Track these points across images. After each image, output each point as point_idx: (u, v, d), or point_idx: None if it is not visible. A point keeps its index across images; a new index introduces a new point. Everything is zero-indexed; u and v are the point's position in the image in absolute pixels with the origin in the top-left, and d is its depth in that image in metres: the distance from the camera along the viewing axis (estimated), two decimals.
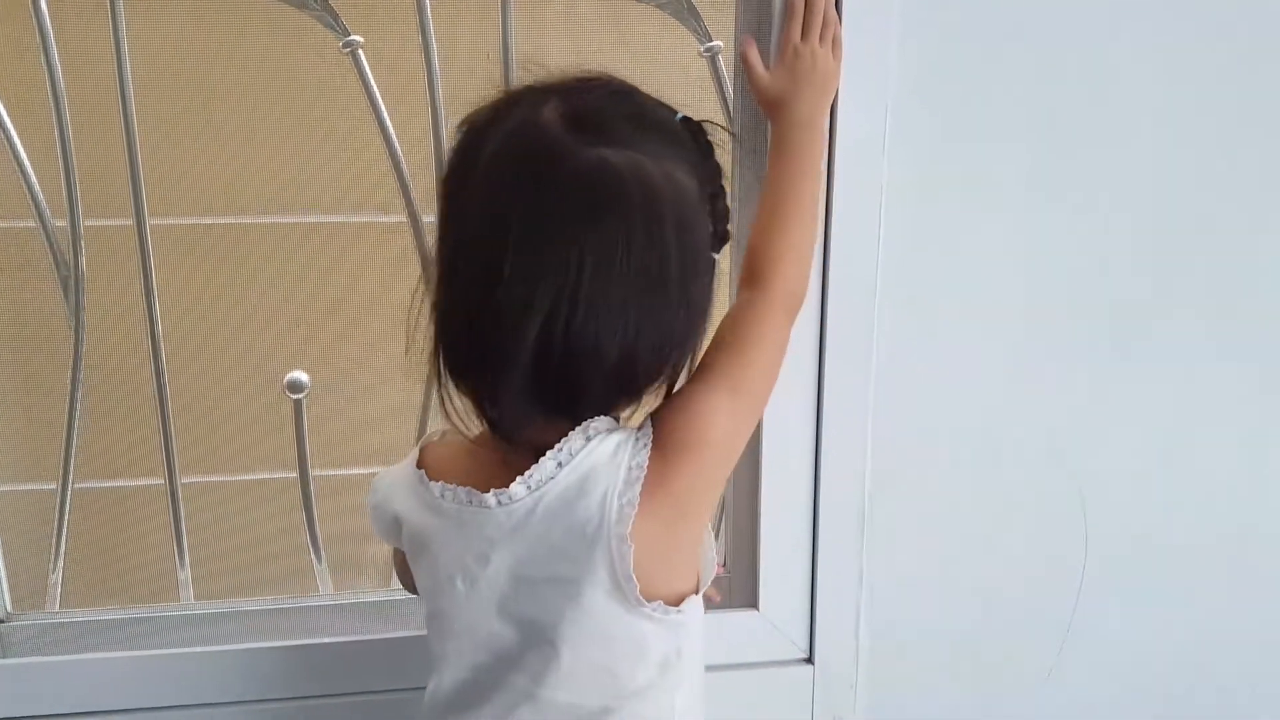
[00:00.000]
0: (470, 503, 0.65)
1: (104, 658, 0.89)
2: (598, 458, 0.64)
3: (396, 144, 0.91)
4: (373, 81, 0.89)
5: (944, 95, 0.87)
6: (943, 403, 0.94)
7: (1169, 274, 0.95)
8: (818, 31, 0.82)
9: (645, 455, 0.64)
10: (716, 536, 1.01)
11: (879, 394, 0.91)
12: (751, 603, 0.95)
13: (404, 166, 0.92)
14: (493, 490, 0.65)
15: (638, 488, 0.63)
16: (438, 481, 0.67)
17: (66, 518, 0.93)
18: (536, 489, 0.64)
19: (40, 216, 0.88)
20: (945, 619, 1.00)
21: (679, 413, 0.67)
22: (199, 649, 0.89)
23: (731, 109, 0.92)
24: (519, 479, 0.64)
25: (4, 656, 0.89)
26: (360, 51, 0.88)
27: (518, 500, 0.64)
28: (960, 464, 0.96)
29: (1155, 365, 0.97)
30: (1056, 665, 1.02)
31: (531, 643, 0.66)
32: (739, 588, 0.97)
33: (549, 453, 0.64)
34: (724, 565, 0.98)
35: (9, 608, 0.91)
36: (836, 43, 0.83)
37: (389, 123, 0.90)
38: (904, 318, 0.91)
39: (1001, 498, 0.98)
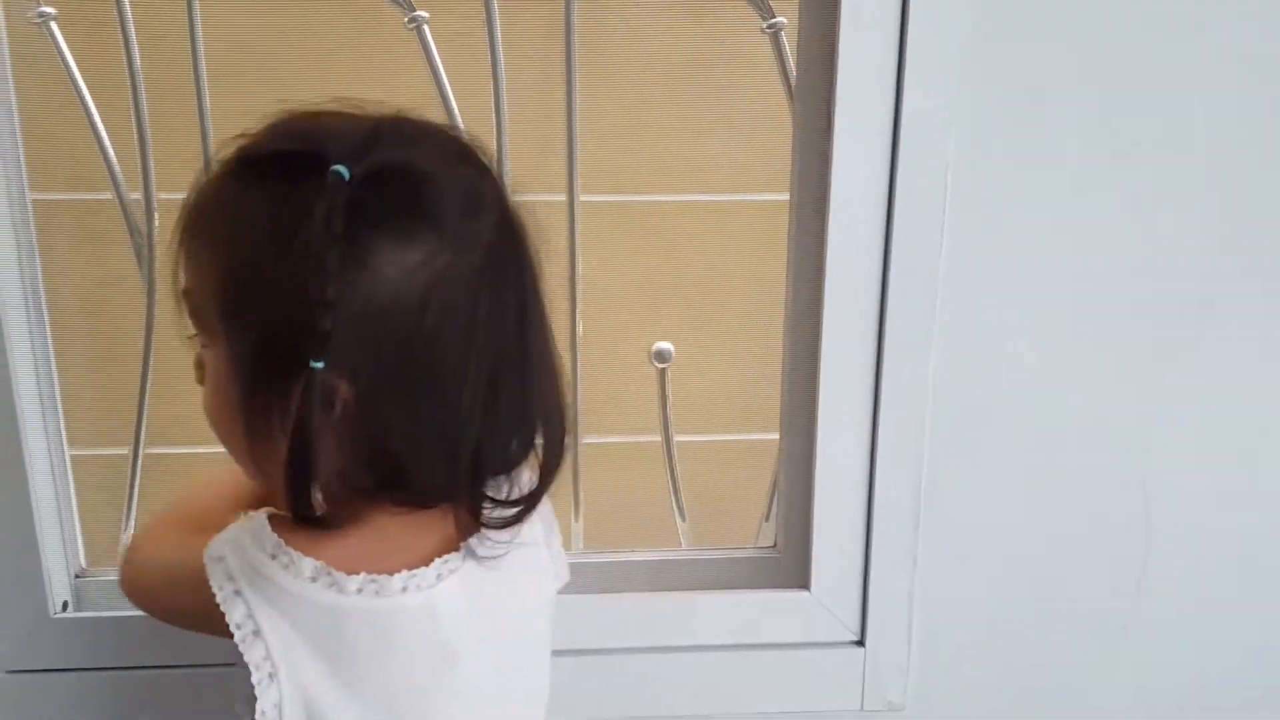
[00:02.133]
0: None
1: None
2: None
3: (459, 121, 0.90)
4: (437, 58, 0.88)
5: (1008, 82, 0.84)
6: (1003, 388, 0.91)
7: (1236, 263, 0.90)
8: None
9: None
10: (767, 518, 1.00)
11: (938, 377, 0.88)
12: (802, 583, 0.93)
13: None
14: None
15: None
16: None
17: (138, 480, 0.95)
18: None
19: (116, 189, 0.89)
20: (1000, 606, 0.96)
21: None
22: None
23: (794, 88, 0.89)
24: None
25: (79, 610, 0.91)
26: (425, 27, 0.88)
27: None
28: (1019, 450, 0.92)
29: (1221, 357, 0.92)
30: (1113, 656, 0.98)
31: None
32: (789, 568, 0.95)
33: None
34: (775, 544, 0.97)
35: (84, 564, 0.92)
36: None
37: (453, 100, 0.89)
38: (966, 302, 0.87)
39: (1061, 487, 0.94)
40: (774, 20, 0.92)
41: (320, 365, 0.50)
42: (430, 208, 0.53)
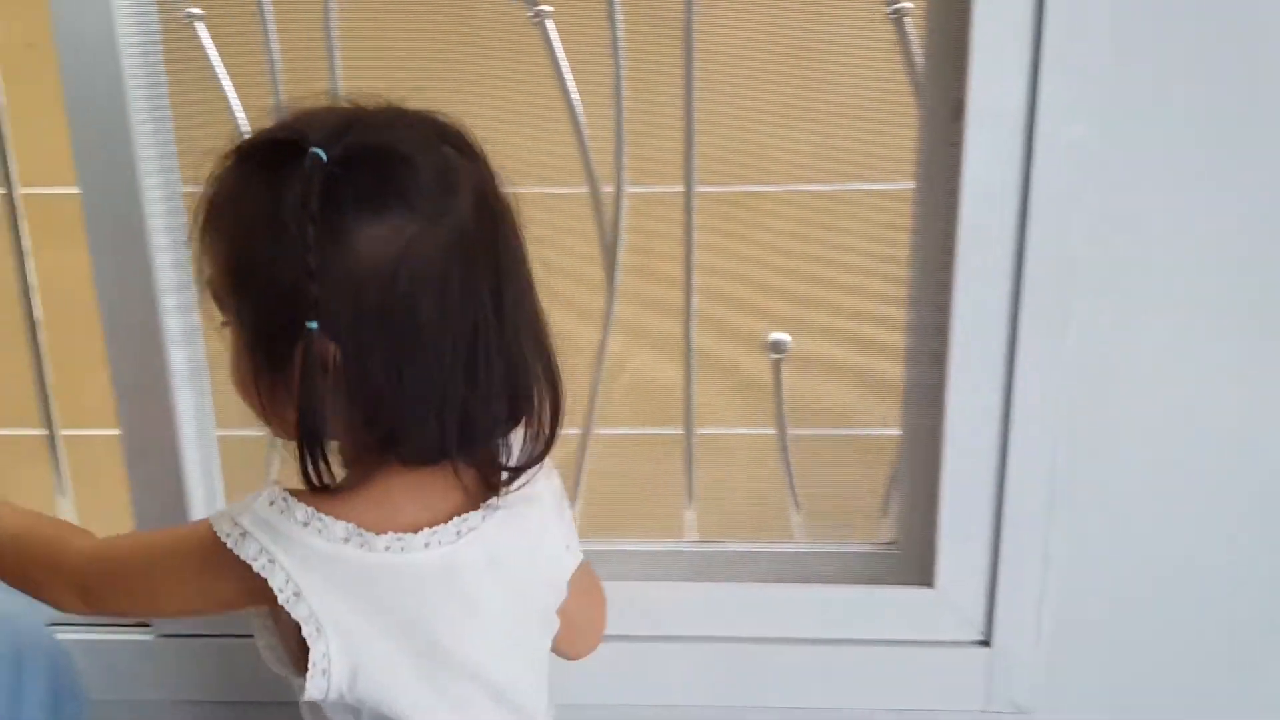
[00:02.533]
0: None
1: None
2: None
3: (582, 116, 0.91)
4: (560, 50, 0.89)
5: (1146, 69, 0.80)
6: (1141, 380, 0.87)
7: None
8: None
9: None
10: (884, 514, 0.98)
11: (1073, 369, 0.84)
12: (925, 580, 0.91)
13: (586, 138, 0.91)
14: None
15: None
16: None
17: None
18: None
19: None
20: (1133, 610, 0.92)
21: None
22: None
23: (919, 74, 0.87)
24: None
25: None
26: (549, 21, 0.89)
27: None
28: (1157, 444, 0.88)
29: None
30: (1259, 661, 0.93)
31: None
32: (910, 564, 0.93)
33: None
34: (894, 540, 0.95)
35: None
36: None
37: (575, 94, 0.90)
38: (1102, 293, 0.84)
39: (1201, 483, 0.89)
40: (899, 4, 0.91)
41: (315, 326, 0.56)
42: (400, 184, 0.58)
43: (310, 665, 0.59)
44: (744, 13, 0.91)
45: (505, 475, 0.64)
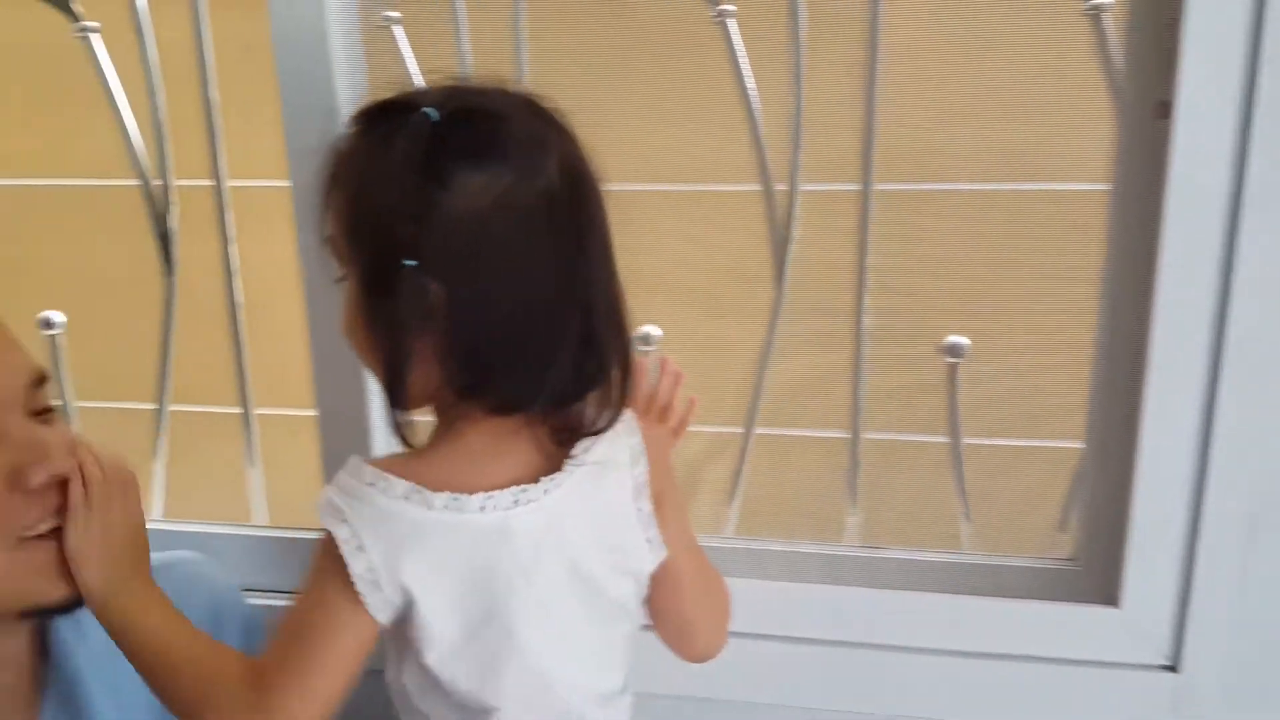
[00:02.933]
0: None
1: None
2: None
3: (759, 115, 0.90)
4: (741, 49, 0.89)
5: None
6: None
7: None
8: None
9: None
10: (1061, 528, 0.94)
11: None
12: (1109, 598, 0.87)
13: (761, 136, 0.91)
14: None
15: None
16: None
17: None
18: None
19: None
20: None
21: None
22: None
23: (1117, 72, 0.83)
24: None
25: None
26: (731, 21, 0.89)
27: None
28: None
29: None
30: None
31: None
32: (1092, 581, 0.89)
33: None
34: (1074, 556, 0.91)
35: None
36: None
37: (754, 92, 0.89)
38: None
39: None
40: (1096, 1, 0.86)
41: (414, 264, 0.61)
42: (497, 141, 0.63)
43: (357, 580, 0.62)
44: (928, 8, 0.89)
45: (575, 440, 0.67)
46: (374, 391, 0.93)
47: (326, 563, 0.64)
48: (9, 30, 1.04)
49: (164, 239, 1.00)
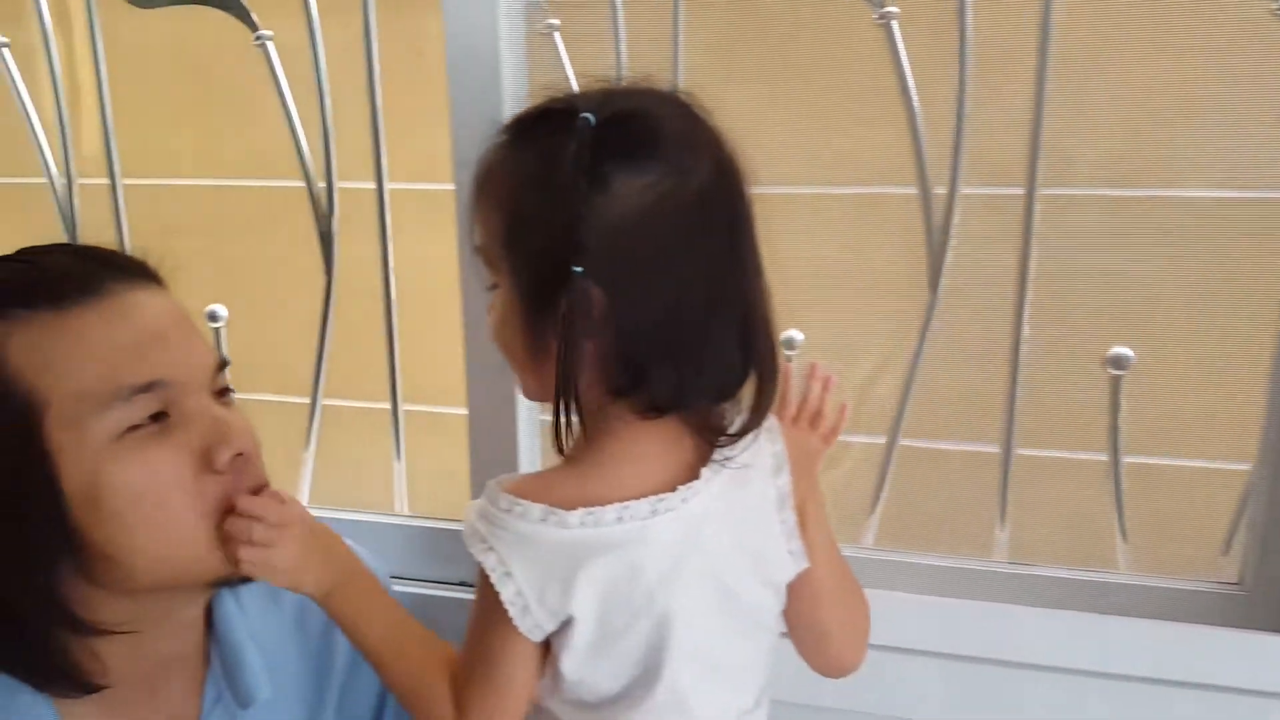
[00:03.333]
0: None
1: None
2: None
3: (920, 117, 0.89)
4: (903, 52, 0.87)
5: None
6: None
7: None
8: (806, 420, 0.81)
9: None
10: (1225, 551, 0.90)
11: None
12: (1277, 626, 0.83)
13: (922, 140, 0.89)
14: None
15: None
16: None
17: None
18: None
19: None
20: None
21: None
22: None
23: None
24: None
25: None
26: (894, 24, 0.87)
27: None
28: None
29: None
30: None
31: None
32: (1259, 608, 0.85)
33: None
34: (1239, 580, 0.87)
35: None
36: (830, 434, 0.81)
37: (915, 95, 0.88)
38: None
39: None
40: None
41: (580, 270, 0.61)
42: (655, 143, 0.63)
43: (509, 606, 0.64)
44: (1101, 8, 0.86)
45: (720, 441, 0.67)
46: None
47: (484, 589, 0.65)
48: (184, 39, 1.09)
49: (325, 239, 1.03)
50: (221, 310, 1.10)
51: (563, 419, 0.64)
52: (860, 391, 0.97)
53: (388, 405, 1.08)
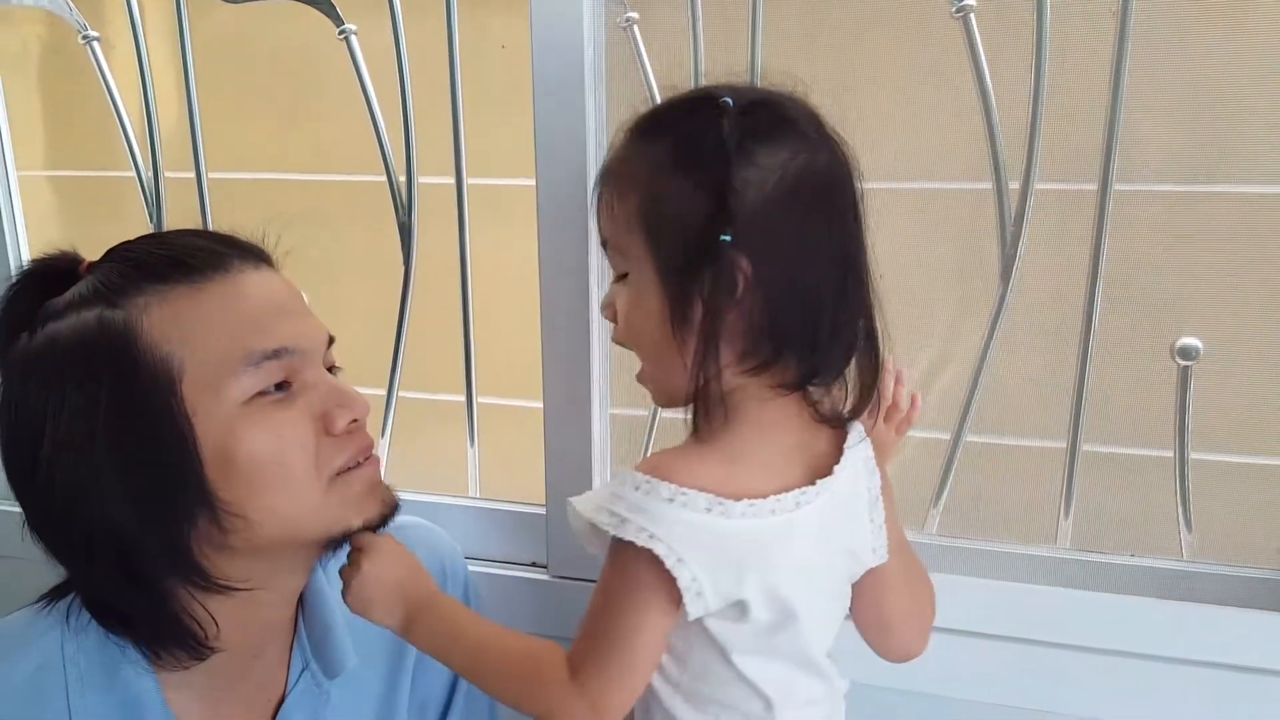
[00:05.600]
0: None
1: None
2: None
3: (995, 111, 0.87)
4: (980, 47, 0.86)
5: None
6: None
7: None
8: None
9: None
10: None
11: None
12: None
13: (999, 135, 0.88)
14: None
15: None
16: None
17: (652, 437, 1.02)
18: None
19: None
20: None
21: None
22: None
23: None
24: None
25: None
26: (972, 16, 0.85)
27: None
28: None
29: None
30: None
31: None
32: None
33: None
34: None
35: None
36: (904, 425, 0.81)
37: (990, 86, 0.87)
38: None
39: None
40: None
41: (729, 239, 0.62)
42: (792, 123, 0.66)
43: (685, 590, 0.63)
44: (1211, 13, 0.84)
45: (836, 423, 0.69)
46: (598, 385, 0.95)
47: (628, 573, 0.64)
48: (267, 33, 1.09)
49: (404, 231, 1.03)
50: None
51: (701, 396, 0.64)
52: (922, 385, 0.96)
53: (462, 398, 1.08)
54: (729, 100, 0.64)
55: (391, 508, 0.73)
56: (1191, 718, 0.87)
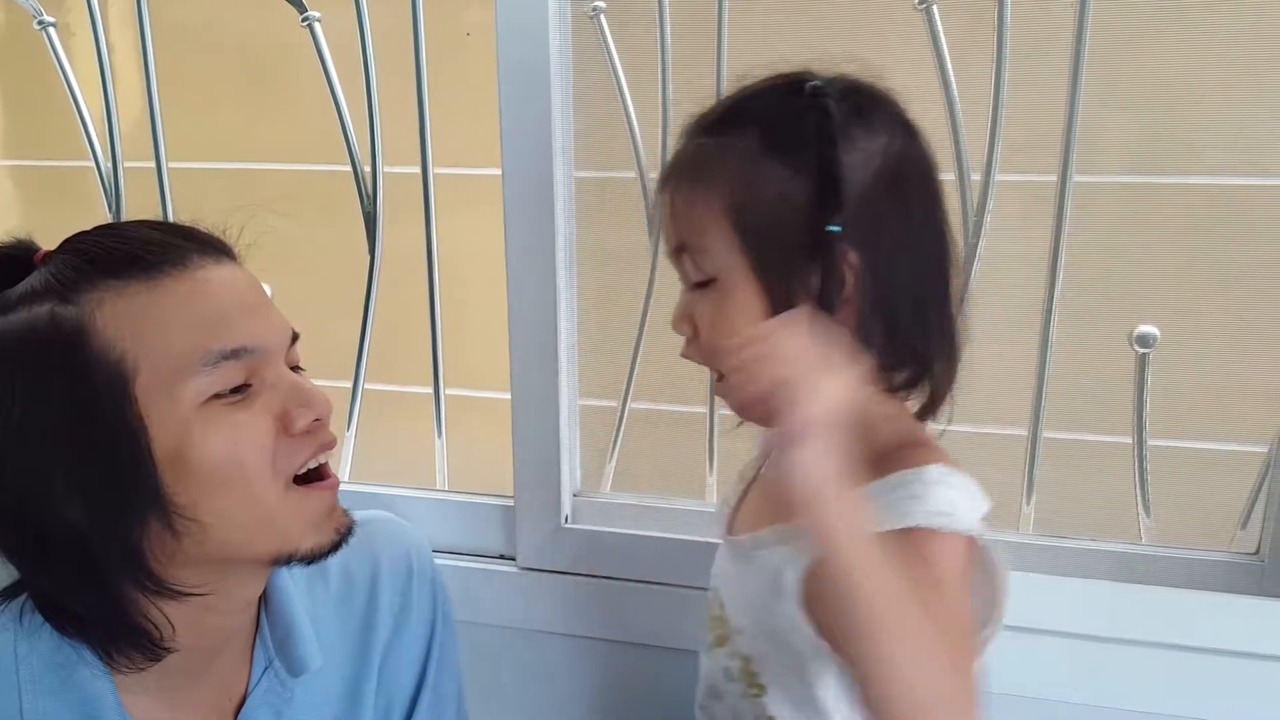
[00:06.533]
0: None
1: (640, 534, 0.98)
2: None
3: (957, 103, 0.87)
4: (943, 39, 0.86)
5: None
6: None
7: None
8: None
9: None
10: (1244, 525, 0.90)
11: None
12: None
13: (961, 127, 0.87)
14: None
15: None
16: None
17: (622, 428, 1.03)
18: None
19: (639, 166, 0.95)
20: None
21: None
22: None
23: None
24: None
25: (575, 523, 1.00)
26: (934, 8, 0.85)
27: None
28: None
29: None
30: None
31: None
32: (1275, 576, 0.85)
33: None
34: (1257, 550, 0.87)
35: (580, 486, 1.02)
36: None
37: (953, 81, 0.86)
38: None
39: None
40: None
41: (838, 230, 0.57)
42: (885, 106, 0.63)
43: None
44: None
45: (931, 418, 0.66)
46: (566, 376, 0.94)
47: (958, 563, 0.59)
48: (232, 22, 1.06)
49: (369, 221, 1.01)
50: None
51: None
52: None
53: (429, 390, 1.07)
54: (821, 85, 0.60)
55: (344, 535, 0.70)
56: (1151, 699, 0.88)
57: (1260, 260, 0.86)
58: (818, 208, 0.57)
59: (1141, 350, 0.90)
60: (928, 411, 0.65)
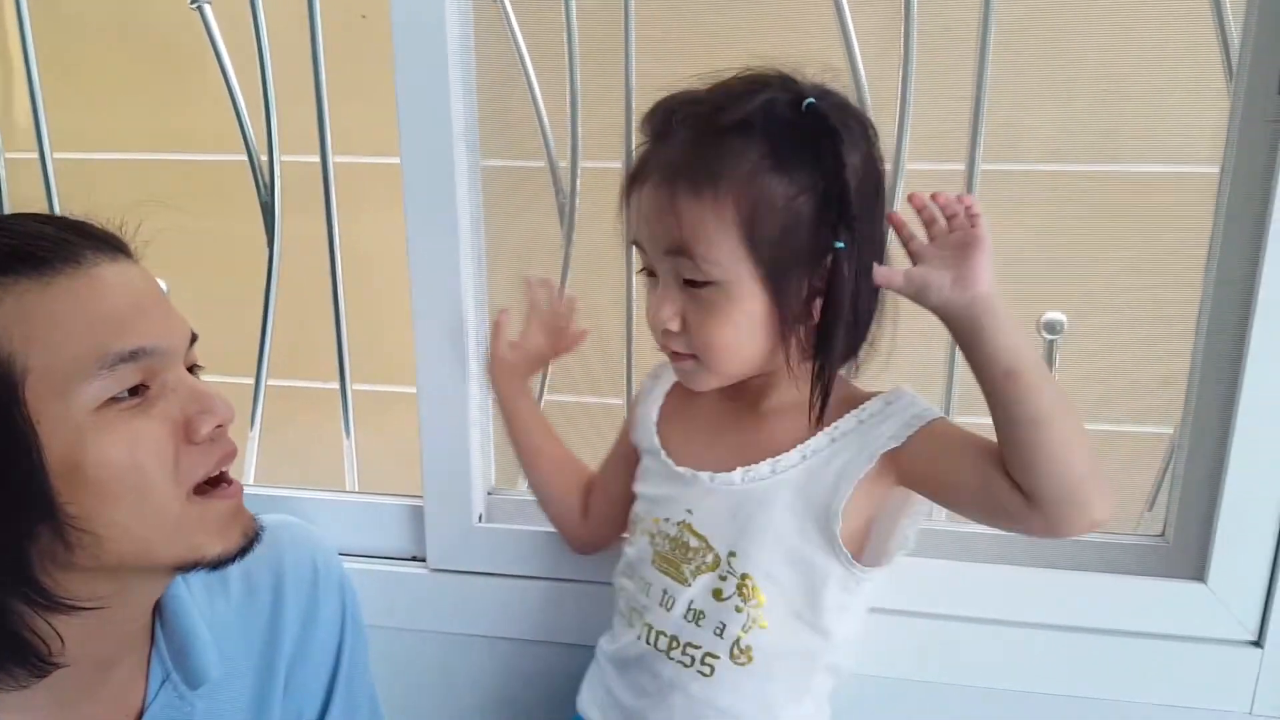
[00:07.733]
0: None
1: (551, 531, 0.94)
2: None
3: (867, 94, 0.86)
4: (852, 31, 0.84)
5: None
6: None
7: None
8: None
9: None
10: (1150, 507, 0.91)
11: None
12: (1197, 575, 0.84)
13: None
14: None
15: None
16: None
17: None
18: None
19: (549, 157, 0.93)
20: None
21: None
22: None
23: (1235, 48, 0.79)
24: None
25: (489, 521, 0.97)
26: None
27: None
28: None
29: None
30: None
31: None
32: (1180, 558, 0.86)
33: None
34: (1162, 533, 0.88)
35: (494, 483, 0.99)
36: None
37: (863, 71, 0.85)
38: None
39: None
40: None
41: (842, 246, 0.62)
42: (858, 116, 0.67)
43: None
44: None
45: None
46: (474, 371, 0.91)
47: None
48: (121, 9, 1.00)
49: (267, 212, 0.97)
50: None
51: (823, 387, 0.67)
52: None
53: (335, 385, 1.03)
54: (814, 100, 0.63)
55: (252, 538, 0.67)
56: (1058, 681, 0.88)
57: (1167, 246, 0.87)
58: (825, 223, 0.63)
59: (1049, 337, 0.90)
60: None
